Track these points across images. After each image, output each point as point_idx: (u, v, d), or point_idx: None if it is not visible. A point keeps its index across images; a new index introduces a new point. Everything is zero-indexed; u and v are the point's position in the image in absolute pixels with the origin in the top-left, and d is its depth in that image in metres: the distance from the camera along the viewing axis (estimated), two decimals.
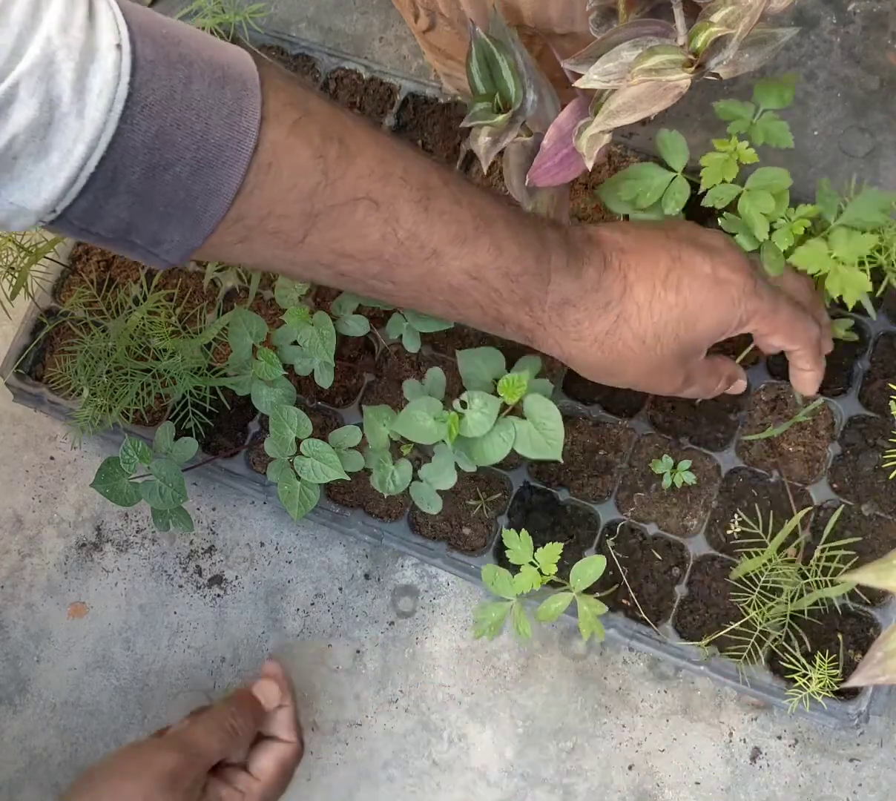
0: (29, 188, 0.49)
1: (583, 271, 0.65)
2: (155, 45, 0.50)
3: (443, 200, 0.61)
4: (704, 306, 0.67)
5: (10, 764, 0.94)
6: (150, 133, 0.50)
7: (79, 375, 0.88)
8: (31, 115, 0.46)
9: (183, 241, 0.55)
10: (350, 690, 0.90)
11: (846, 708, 0.77)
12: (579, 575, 0.75)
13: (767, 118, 0.71)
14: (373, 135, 0.60)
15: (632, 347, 0.67)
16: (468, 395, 0.75)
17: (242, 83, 0.53)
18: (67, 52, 0.46)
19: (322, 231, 0.58)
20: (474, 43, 0.69)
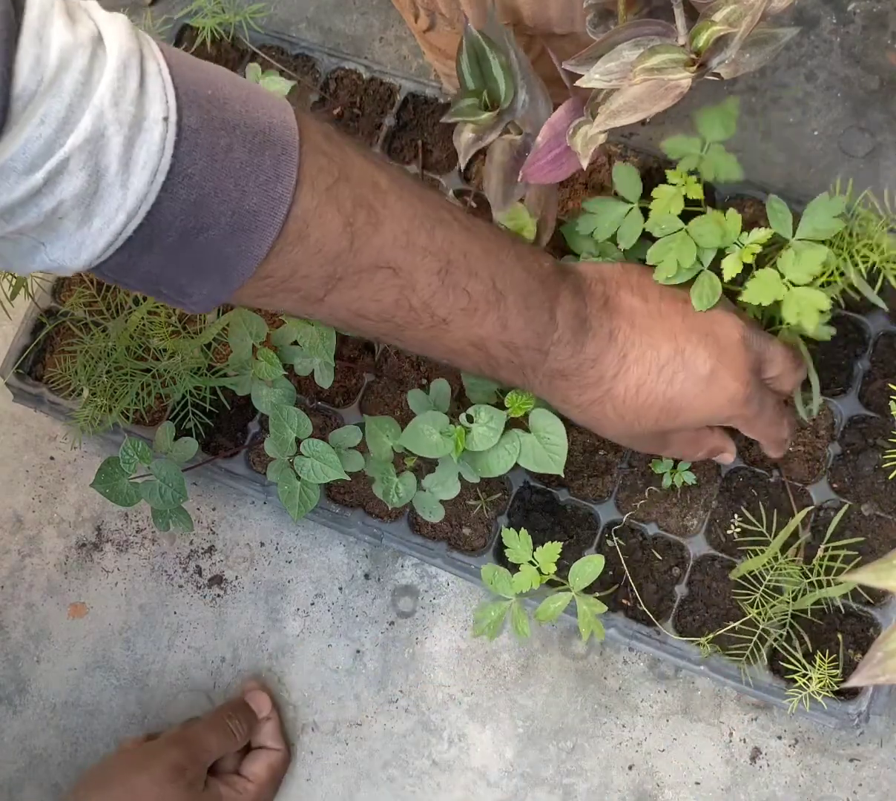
0: (70, 249, 0.50)
1: (584, 348, 0.66)
2: (200, 112, 0.51)
3: (460, 272, 0.62)
4: (691, 404, 0.68)
5: (10, 764, 0.94)
6: (189, 201, 0.51)
7: (79, 375, 0.88)
8: (79, 186, 0.47)
9: (210, 295, 0.57)
10: (350, 690, 0.90)
11: (846, 708, 0.77)
12: (578, 574, 0.75)
13: (716, 152, 0.69)
14: (404, 196, 0.60)
15: (611, 418, 0.69)
16: (475, 409, 0.75)
17: (282, 147, 0.54)
18: (118, 127, 0.47)
19: (341, 292, 0.59)
20: (466, 39, 0.69)
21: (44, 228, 0.49)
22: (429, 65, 0.98)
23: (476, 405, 0.75)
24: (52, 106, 0.45)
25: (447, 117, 0.69)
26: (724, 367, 0.67)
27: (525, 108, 0.70)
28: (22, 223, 0.48)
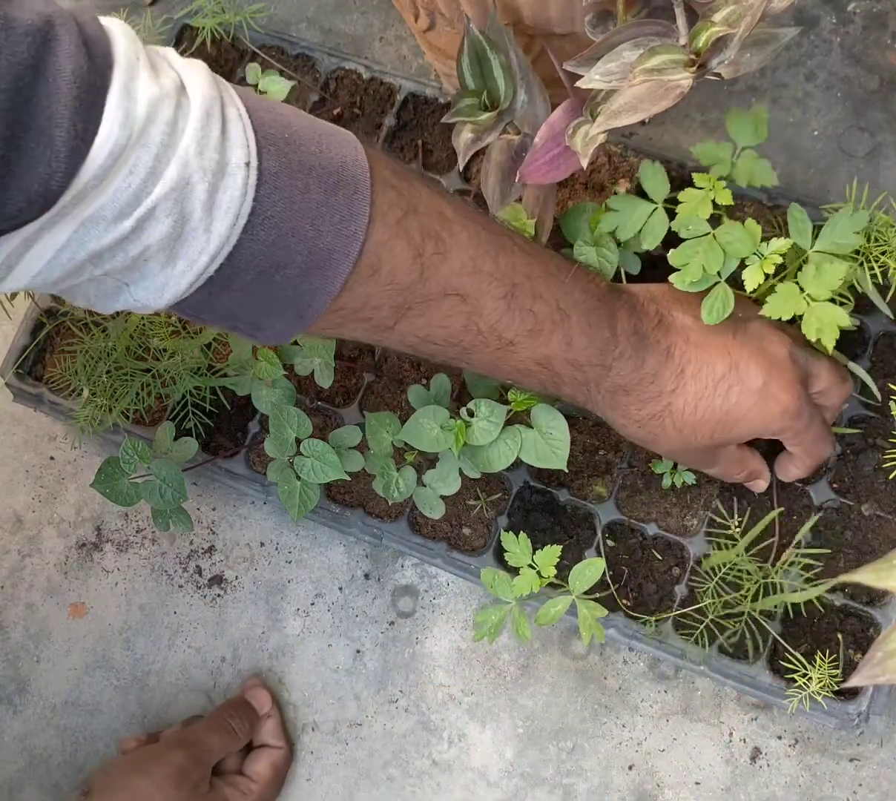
0: (153, 290, 0.52)
1: (644, 363, 0.68)
2: (279, 155, 0.52)
3: (525, 295, 0.63)
4: (746, 416, 0.70)
5: (10, 764, 0.94)
6: (268, 242, 0.52)
7: (79, 376, 0.88)
8: (165, 232, 0.49)
9: (284, 329, 0.58)
10: (350, 690, 0.90)
11: (846, 708, 0.77)
12: (578, 577, 0.75)
13: (749, 158, 0.69)
14: (468, 225, 0.61)
15: (669, 432, 0.70)
16: (475, 403, 0.75)
17: (354, 187, 0.55)
18: (202, 174, 0.48)
19: (410, 320, 0.61)
20: (467, 39, 0.69)
21: (129, 271, 0.50)
22: (429, 65, 0.98)
23: (476, 399, 0.75)
24: (140, 157, 0.46)
25: (447, 118, 0.69)
26: (774, 380, 0.69)
27: (524, 109, 0.70)
28: (109, 267, 0.49)
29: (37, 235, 0.46)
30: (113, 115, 0.45)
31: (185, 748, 0.82)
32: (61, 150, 0.44)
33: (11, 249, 0.46)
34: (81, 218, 0.46)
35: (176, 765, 0.80)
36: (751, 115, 0.70)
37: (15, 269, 0.48)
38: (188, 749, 0.82)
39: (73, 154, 0.44)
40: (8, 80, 0.42)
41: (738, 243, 0.68)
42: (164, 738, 0.86)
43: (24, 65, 0.43)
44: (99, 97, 0.45)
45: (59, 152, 0.43)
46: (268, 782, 0.86)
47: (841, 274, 0.67)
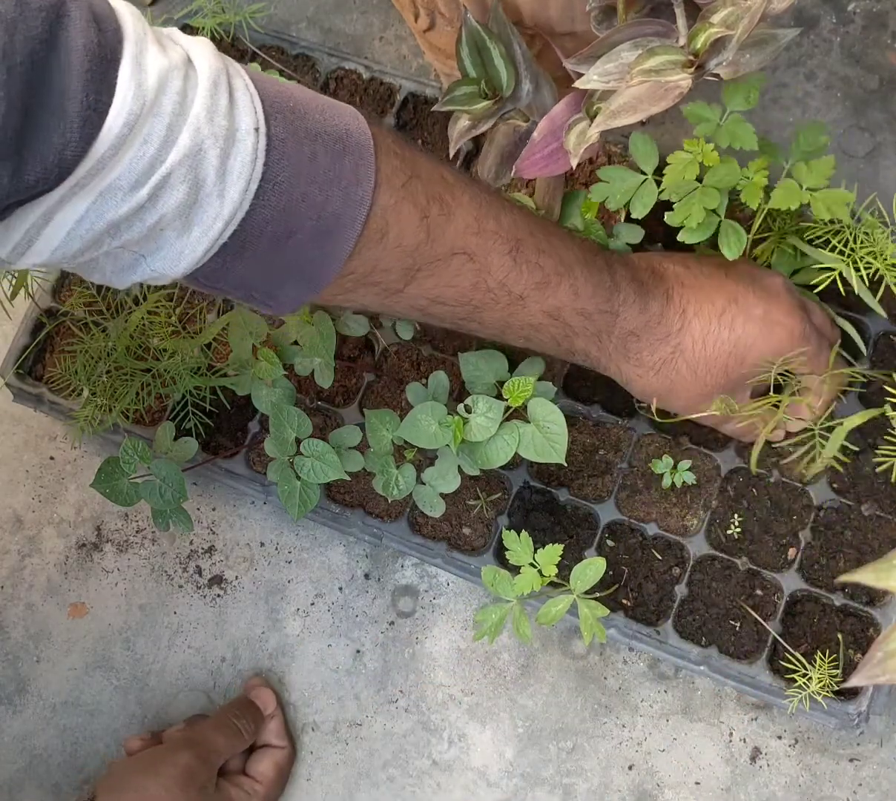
0: (170, 259, 0.53)
1: (647, 306, 0.71)
2: (286, 122, 0.54)
3: (529, 249, 0.66)
4: (755, 344, 0.72)
5: (10, 764, 0.94)
6: (279, 207, 0.54)
7: (79, 375, 0.88)
8: (180, 199, 0.50)
9: (296, 296, 0.60)
10: (350, 690, 0.90)
11: (846, 708, 0.77)
12: (579, 577, 0.75)
13: (733, 120, 0.71)
14: (468, 188, 0.64)
15: (684, 375, 0.72)
16: (472, 399, 0.75)
17: (359, 153, 0.57)
18: (214, 140, 0.50)
19: (420, 281, 0.63)
20: (465, 29, 0.69)
21: (145, 241, 0.52)
22: (429, 65, 0.98)
23: (474, 395, 0.75)
24: (154, 126, 0.48)
25: (439, 105, 0.70)
26: (775, 306, 0.72)
27: (530, 97, 0.70)
28: (126, 238, 0.50)
29: (56, 207, 0.47)
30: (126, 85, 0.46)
31: (191, 749, 0.82)
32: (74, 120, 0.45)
33: (31, 222, 0.48)
34: (99, 188, 0.47)
35: (183, 766, 0.80)
36: (745, 82, 0.71)
37: (35, 243, 0.49)
38: (195, 750, 0.82)
39: (86, 124, 0.45)
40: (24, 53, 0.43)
41: (727, 177, 0.71)
42: (169, 738, 0.86)
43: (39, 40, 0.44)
44: (110, 70, 0.46)
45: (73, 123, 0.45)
46: (272, 782, 0.86)
47: (831, 163, 0.71)
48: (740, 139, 0.71)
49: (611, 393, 0.86)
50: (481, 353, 0.78)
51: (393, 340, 0.87)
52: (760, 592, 0.81)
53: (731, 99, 0.71)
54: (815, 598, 0.80)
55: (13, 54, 0.43)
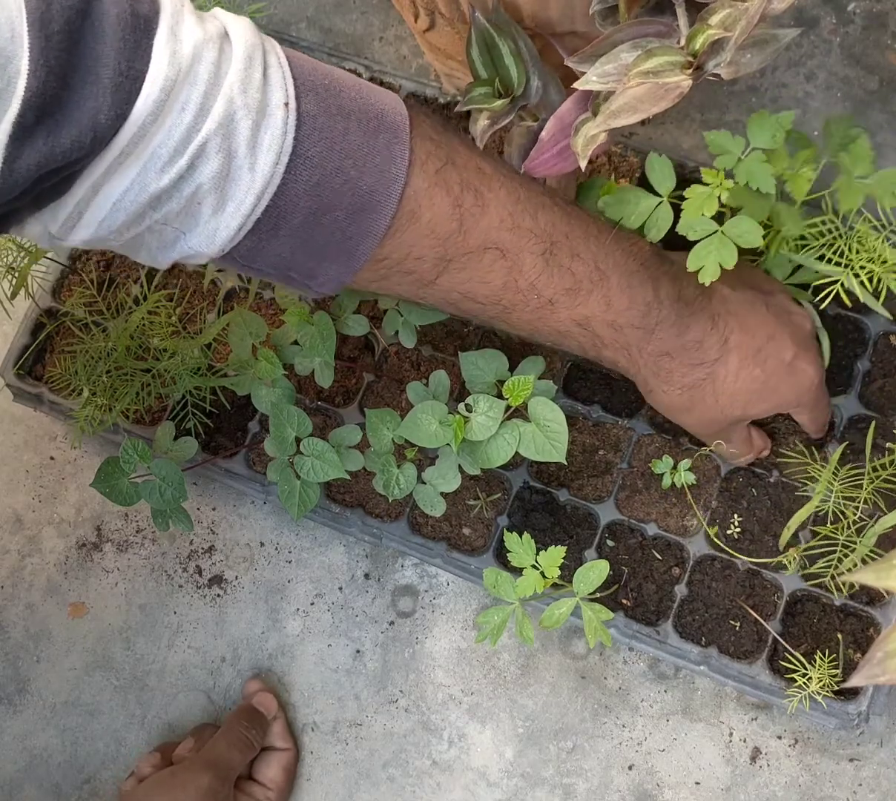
0: (206, 236, 0.54)
1: (688, 329, 0.69)
2: (317, 99, 0.55)
3: (563, 253, 0.64)
4: (779, 388, 0.72)
5: (10, 764, 0.94)
6: (312, 182, 0.54)
7: (79, 375, 0.88)
8: (215, 169, 0.51)
9: (336, 276, 0.60)
10: (350, 690, 0.90)
11: (846, 708, 0.77)
12: (582, 580, 0.75)
13: (755, 158, 0.70)
14: (507, 182, 0.63)
15: (707, 401, 0.72)
16: (473, 398, 0.75)
17: (394, 131, 0.57)
18: (246, 111, 0.51)
19: (452, 274, 0.63)
20: (474, 28, 0.69)
21: (185, 216, 0.53)
22: (429, 65, 0.98)
23: (475, 394, 0.75)
24: (190, 94, 0.49)
25: (461, 106, 0.70)
26: (803, 353, 0.73)
27: (539, 95, 0.71)
28: (166, 210, 0.52)
29: (103, 178, 0.49)
30: (161, 52, 0.48)
31: (211, 770, 0.82)
32: (107, 86, 0.47)
33: (81, 195, 0.50)
34: (143, 158, 0.49)
35: (205, 788, 0.80)
36: (774, 120, 0.70)
37: (84, 215, 0.51)
38: (215, 771, 0.82)
39: (119, 90, 0.47)
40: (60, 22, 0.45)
41: (748, 235, 0.69)
42: (180, 757, 0.86)
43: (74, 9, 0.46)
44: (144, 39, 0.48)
45: (106, 88, 0.47)
46: (283, 787, 0.87)
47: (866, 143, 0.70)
48: (757, 180, 0.70)
49: (610, 393, 0.86)
50: (482, 352, 0.78)
51: (393, 341, 0.87)
52: (760, 591, 0.81)
53: (757, 135, 0.70)
54: (815, 598, 0.80)
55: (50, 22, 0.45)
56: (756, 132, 0.70)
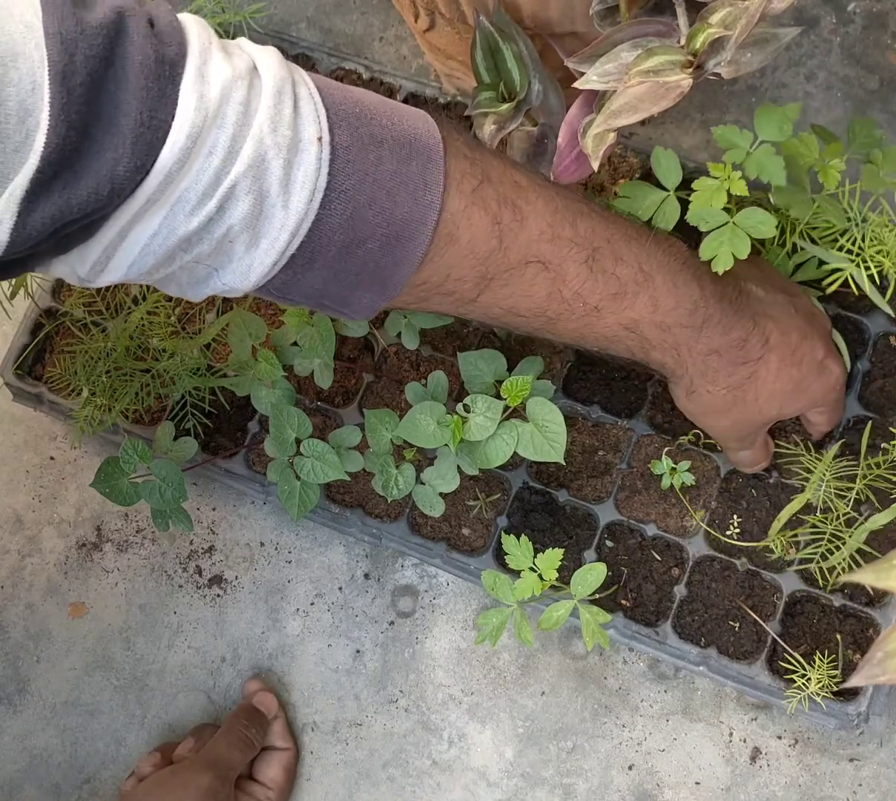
0: (240, 272, 0.53)
1: (733, 327, 0.69)
2: (350, 129, 0.53)
3: (606, 258, 0.63)
4: (811, 387, 0.73)
5: (10, 764, 0.94)
6: (346, 215, 0.53)
7: (78, 375, 0.88)
8: (246, 210, 0.50)
9: (369, 303, 0.59)
10: (350, 690, 0.90)
11: (846, 709, 0.77)
12: (580, 582, 0.75)
13: (765, 151, 0.70)
14: (543, 193, 0.62)
15: (747, 401, 0.72)
16: (471, 398, 0.75)
17: (427, 156, 0.56)
18: (277, 150, 0.50)
19: (494, 291, 0.61)
20: (479, 32, 0.69)
21: (217, 254, 0.52)
22: (429, 65, 0.98)
23: (473, 395, 0.75)
24: (218, 137, 0.48)
25: (469, 110, 0.70)
26: (830, 354, 0.74)
27: (540, 98, 0.71)
28: (197, 252, 0.51)
29: (130, 224, 0.48)
30: (188, 98, 0.47)
31: (211, 770, 0.82)
32: (127, 136, 0.45)
33: (109, 240, 0.49)
34: (170, 202, 0.48)
35: (206, 788, 0.80)
36: (780, 112, 0.70)
37: (113, 259, 0.50)
38: (215, 771, 0.82)
39: (139, 141, 0.46)
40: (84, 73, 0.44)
41: (761, 226, 0.69)
42: (181, 757, 0.86)
43: (98, 58, 0.44)
44: (169, 86, 0.47)
45: (126, 139, 0.45)
46: (283, 787, 0.87)
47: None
48: (768, 172, 0.69)
49: (610, 393, 0.86)
50: (480, 352, 0.78)
51: (392, 341, 0.87)
52: (759, 592, 0.81)
53: (765, 128, 0.70)
54: (814, 598, 0.80)
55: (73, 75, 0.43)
56: (764, 125, 0.70)
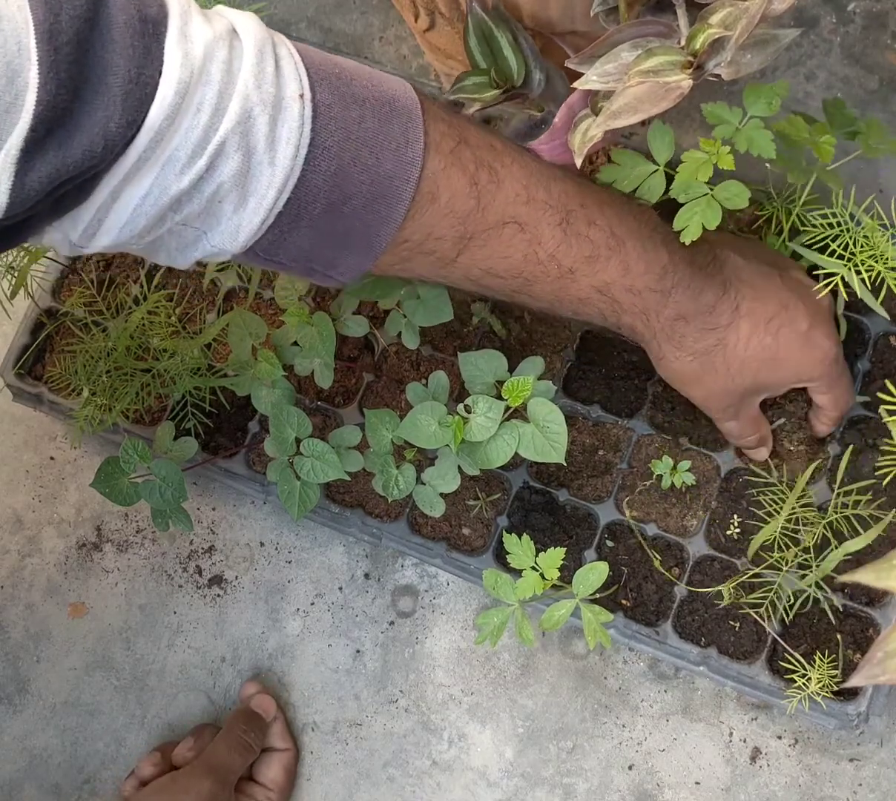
0: (229, 233, 0.54)
1: (702, 293, 0.70)
2: (331, 88, 0.55)
3: (580, 221, 0.65)
4: (791, 358, 0.73)
5: (10, 764, 0.94)
6: (330, 172, 0.54)
7: (79, 375, 0.88)
8: (235, 167, 0.51)
9: (356, 264, 0.60)
10: (350, 690, 0.90)
11: (846, 708, 0.77)
12: (582, 582, 0.75)
13: (753, 126, 0.71)
14: (518, 158, 0.64)
15: (717, 368, 0.73)
16: (472, 398, 0.74)
17: (407, 116, 0.58)
18: (262, 107, 0.51)
19: (472, 251, 0.63)
20: (471, 18, 0.69)
21: (206, 216, 0.53)
22: (429, 65, 0.98)
23: (474, 395, 0.75)
24: (205, 94, 0.49)
25: (449, 94, 0.70)
26: (818, 326, 0.73)
27: (542, 87, 0.71)
28: (187, 211, 0.52)
29: (122, 185, 0.49)
30: (172, 56, 0.48)
31: (211, 775, 0.82)
32: (117, 94, 0.46)
33: (100, 202, 0.50)
34: (161, 161, 0.49)
35: (206, 794, 0.81)
36: (768, 88, 0.71)
37: (105, 221, 0.51)
38: (216, 776, 0.82)
39: (129, 97, 0.47)
40: (70, 33, 0.45)
41: (735, 198, 0.70)
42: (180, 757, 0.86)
43: (82, 18, 0.46)
44: (154, 43, 0.48)
45: (116, 97, 0.46)
46: (283, 787, 0.87)
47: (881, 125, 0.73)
48: (758, 146, 0.70)
49: (610, 393, 0.86)
50: (481, 352, 0.78)
51: (393, 341, 0.86)
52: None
53: (753, 104, 0.71)
54: (814, 599, 0.80)
55: (59, 34, 0.44)
56: (752, 101, 0.71)
